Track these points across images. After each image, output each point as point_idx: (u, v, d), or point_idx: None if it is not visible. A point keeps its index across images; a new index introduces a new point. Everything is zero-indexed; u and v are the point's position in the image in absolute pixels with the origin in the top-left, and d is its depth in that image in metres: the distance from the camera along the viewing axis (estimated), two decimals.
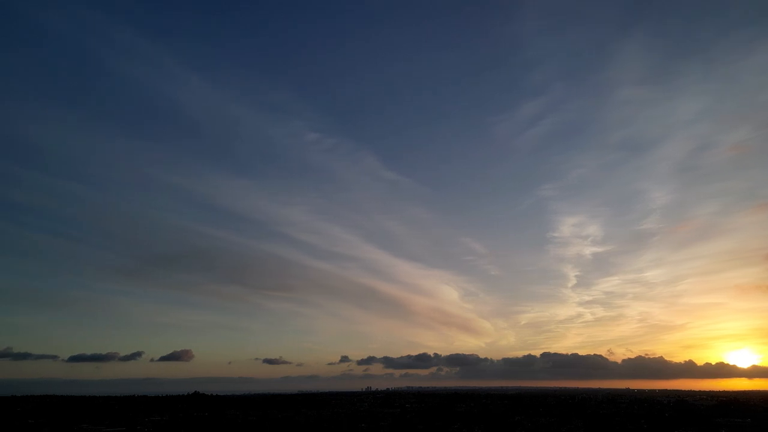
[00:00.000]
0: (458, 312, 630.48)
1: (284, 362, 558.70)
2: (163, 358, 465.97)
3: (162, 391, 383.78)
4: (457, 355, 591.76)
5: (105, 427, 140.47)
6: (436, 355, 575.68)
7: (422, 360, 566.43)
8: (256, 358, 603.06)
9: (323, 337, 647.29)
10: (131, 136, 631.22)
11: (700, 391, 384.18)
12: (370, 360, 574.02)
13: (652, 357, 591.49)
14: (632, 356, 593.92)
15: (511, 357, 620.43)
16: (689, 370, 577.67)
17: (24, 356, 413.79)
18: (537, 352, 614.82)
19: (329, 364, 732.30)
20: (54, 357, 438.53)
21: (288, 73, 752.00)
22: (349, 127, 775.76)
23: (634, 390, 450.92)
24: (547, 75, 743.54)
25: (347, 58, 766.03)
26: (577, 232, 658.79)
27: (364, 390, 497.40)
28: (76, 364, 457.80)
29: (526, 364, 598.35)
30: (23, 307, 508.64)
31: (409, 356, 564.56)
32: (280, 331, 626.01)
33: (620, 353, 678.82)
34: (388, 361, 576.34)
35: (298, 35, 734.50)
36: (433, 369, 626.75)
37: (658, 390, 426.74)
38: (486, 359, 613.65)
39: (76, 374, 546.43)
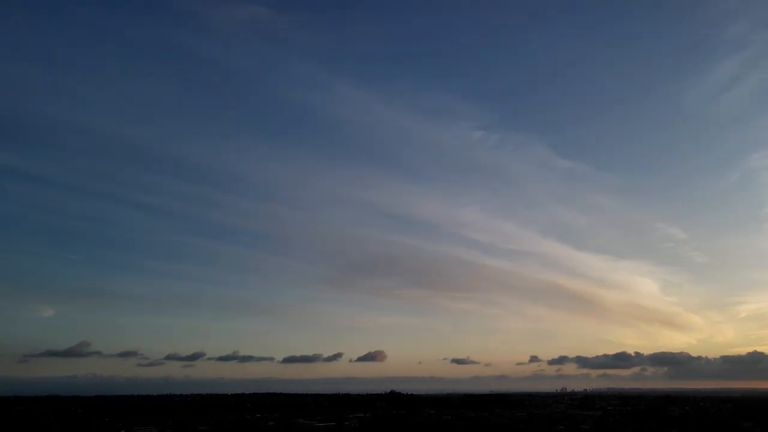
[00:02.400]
0: (659, 306, 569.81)
1: (472, 362, 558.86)
2: (360, 359, 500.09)
3: (359, 389, 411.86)
4: (662, 353, 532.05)
5: (317, 422, 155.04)
6: (637, 353, 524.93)
7: (621, 359, 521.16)
8: (445, 358, 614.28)
9: (510, 337, 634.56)
10: (319, 157, 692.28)
11: None
12: (562, 360, 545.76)
13: None
14: None
15: (731, 355, 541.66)
16: None
17: (248, 358, 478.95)
18: (765, 348, 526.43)
19: (518, 364, 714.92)
20: (271, 359, 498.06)
21: (447, 77, 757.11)
22: (513, 120, 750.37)
23: None
24: (746, 26, 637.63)
25: (501, 49, 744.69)
26: None
27: (558, 391, 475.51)
28: (289, 364, 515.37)
29: (751, 363, 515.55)
30: (247, 316, 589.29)
31: (605, 355, 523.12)
32: (466, 332, 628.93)
33: None
34: (582, 361, 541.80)
35: (451, 35, 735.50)
36: (636, 369, 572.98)
37: None
38: (699, 358, 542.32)
39: (289, 374, 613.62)
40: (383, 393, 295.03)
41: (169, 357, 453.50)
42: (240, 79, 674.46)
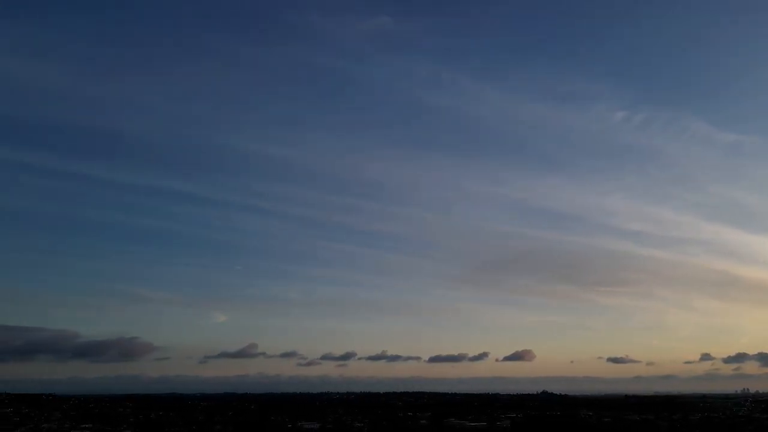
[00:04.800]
0: None
1: (631, 361, 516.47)
2: (507, 358, 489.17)
3: (508, 389, 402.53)
4: None
5: (468, 422, 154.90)
6: None
7: None
8: (599, 357, 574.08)
9: (675, 333, 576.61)
10: (451, 156, 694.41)
11: None
12: (740, 357, 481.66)
13: None
14: None
15: None
16: None
17: (395, 358, 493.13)
18: None
19: (686, 362, 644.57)
20: (418, 358, 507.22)
21: (576, 58, 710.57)
22: (659, 96, 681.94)
23: None
24: None
25: (631, 19, 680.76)
26: None
27: (738, 392, 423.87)
28: (435, 364, 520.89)
29: None
30: (393, 317, 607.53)
31: None
32: (622, 329, 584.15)
33: None
34: (765, 359, 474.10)
35: (571, 13, 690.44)
36: None
37: None
38: None
39: (435, 373, 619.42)
40: (534, 393, 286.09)
41: (324, 357, 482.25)
42: (367, 88, 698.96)
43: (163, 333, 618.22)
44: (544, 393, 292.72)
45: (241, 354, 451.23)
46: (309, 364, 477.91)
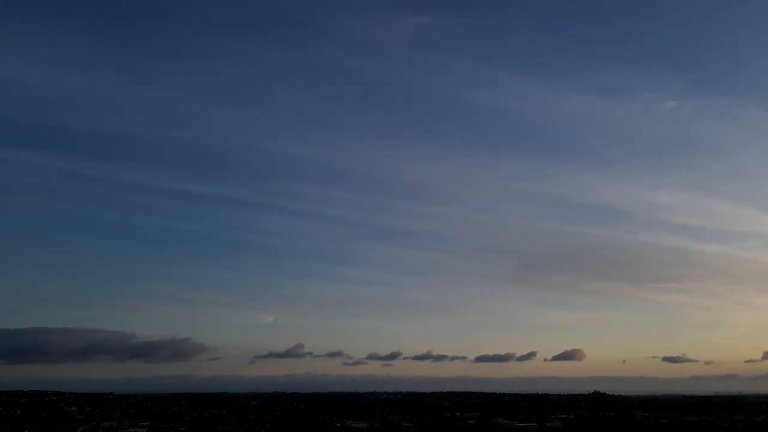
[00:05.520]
0: None
1: (687, 360, 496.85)
2: (556, 358, 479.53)
3: (557, 389, 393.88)
4: None
5: (518, 422, 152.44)
6: None
7: None
8: (654, 356, 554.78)
9: (735, 331, 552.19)
10: (492, 154, 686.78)
11: None
12: None
13: None
14: None
15: None
16: None
17: (441, 357, 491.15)
18: None
19: (747, 361, 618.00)
20: (464, 358, 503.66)
21: (619, 48, 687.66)
22: (712, 84, 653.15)
23: None
24: None
25: (678, 3, 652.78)
26: None
27: None
28: (482, 363, 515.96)
29: None
30: (437, 316, 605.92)
31: None
32: (676, 327, 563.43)
33: None
34: None
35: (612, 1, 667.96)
36: None
37: None
38: None
39: (482, 373, 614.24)
40: (586, 393, 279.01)
41: (370, 357, 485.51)
42: (406, 88, 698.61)
43: (213, 334, 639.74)
44: (596, 393, 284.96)
45: (288, 354, 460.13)
46: (355, 363, 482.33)
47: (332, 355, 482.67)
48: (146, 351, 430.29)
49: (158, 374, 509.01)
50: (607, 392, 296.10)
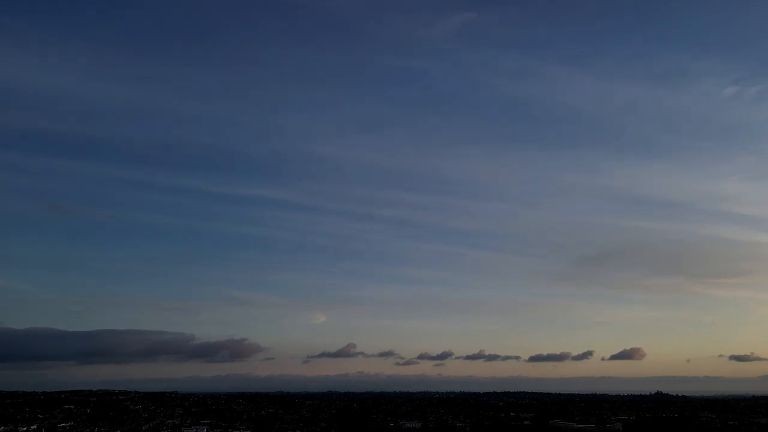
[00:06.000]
0: None
1: (757, 359, 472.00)
2: (614, 357, 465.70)
3: (616, 389, 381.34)
4: None
5: (575, 423, 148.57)
6: None
7: None
8: (720, 355, 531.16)
9: None
10: (542, 149, 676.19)
11: None
12: None
13: None
14: None
15: None
16: None
17: (493, 357, 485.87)
18: None
19: None
20: (517, 357, 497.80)
21: (674, 33, 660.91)
22: None
23: None
24: None
25: None
26: None
27: None
28: (536, 363, 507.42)
29: None
30: (489, 315, 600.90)
31: None
32: (744, 323, 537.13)
33: None
34: None
35: None
36: None
37: None
38: None
39: (536, 372, 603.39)
40: (647, 394, 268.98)
41: (421, 356, 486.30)
42: (453, 85, 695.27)
43: (268, 334, 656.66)
44: (659, 394, 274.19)
45: (340, 354, 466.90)
46: (407, 363, 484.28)
47: (383, 354, 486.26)
48: (205, 351, 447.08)
49: (217, 374, 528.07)
50: (670, 392, 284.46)
